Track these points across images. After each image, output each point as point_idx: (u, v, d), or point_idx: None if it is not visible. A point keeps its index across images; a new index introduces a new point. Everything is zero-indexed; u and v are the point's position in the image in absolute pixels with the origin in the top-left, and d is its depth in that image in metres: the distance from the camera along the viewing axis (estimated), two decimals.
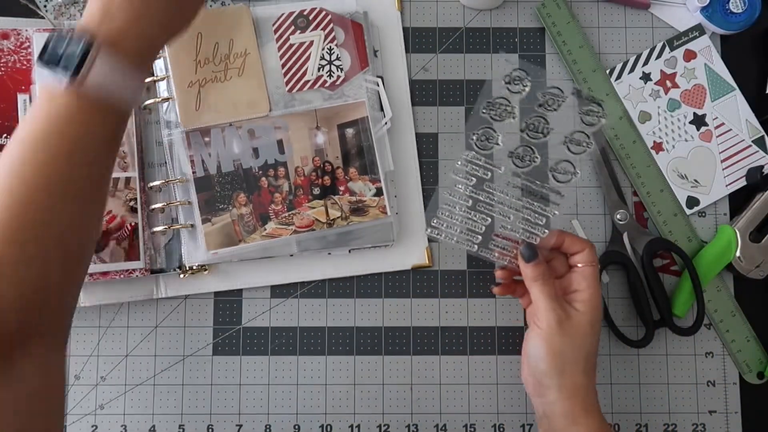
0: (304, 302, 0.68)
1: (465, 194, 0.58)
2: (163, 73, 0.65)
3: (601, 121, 0.59)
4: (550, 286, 0.57)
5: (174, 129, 0.65)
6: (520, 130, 0.59)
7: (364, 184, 0.65)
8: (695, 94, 0.69)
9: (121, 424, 0.66)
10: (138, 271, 0.64)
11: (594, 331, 0.56)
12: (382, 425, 0.66)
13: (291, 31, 0.67)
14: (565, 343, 0.55)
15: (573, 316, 0.56)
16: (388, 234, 0.66)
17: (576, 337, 0.55)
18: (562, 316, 0.56)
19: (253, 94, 0.65)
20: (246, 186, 0.64)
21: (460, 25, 0.71)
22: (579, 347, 0.55)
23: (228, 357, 0.67)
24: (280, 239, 0.64)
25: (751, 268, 0.66)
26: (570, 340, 0.55)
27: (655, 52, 0.70)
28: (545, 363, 0.55)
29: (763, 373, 0.66)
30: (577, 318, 0.56)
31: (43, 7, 0.69)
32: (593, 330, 0.56)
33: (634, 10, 0.71)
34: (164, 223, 0.66)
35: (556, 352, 0.55)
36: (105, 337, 0.67)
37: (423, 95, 0.70)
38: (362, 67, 0.67)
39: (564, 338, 0.55)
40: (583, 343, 0.56)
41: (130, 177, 0.65)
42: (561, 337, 0.55)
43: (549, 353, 0.55)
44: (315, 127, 0.65)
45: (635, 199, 0.69)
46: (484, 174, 0.59)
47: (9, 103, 0.64)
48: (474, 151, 0.59)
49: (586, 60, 0.69)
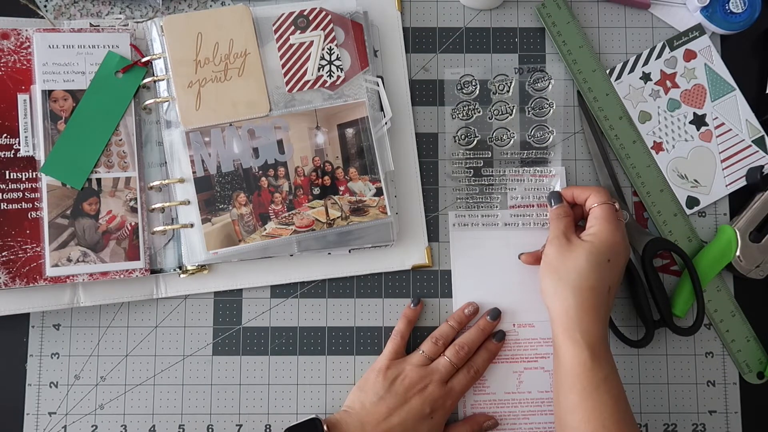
0: (304, 302, 0.68)
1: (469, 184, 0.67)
2: (163, 73, 0.65)
3: (550, 82, 0.68)
4: (563, 223, 0.62)
5: (174, 129, 0.65)
6: (488, 119, 0.68)
7: (364, 184, 0.65)
8: (695, 94, 0.69)
9: (121, 424, 0.66)
10: (138, 271, 0.64)
11: (592, 261, 0.58)
12: None
13: (291, 31, 0.66)
14: (560, 267, 0.60)
15: (574, 243, 0.60)
16: (388, 234, 0.66)
17: (569, 261, 0.59)
18: (563, 243, 0.61)
19: (253, 94, 0.65)
20: (246, 186, 0.64)
21: (460, 25, 0.71)
22: (572, 272, 0.59)
23: (228, 357, 0.67)
24: (280, 239, 0.64)
25: (751, 268, 0.66)
26: (564, 264, 0.60)
27: (655, 52, 0.70)
28: (542, 283, 0.61)
29: (763, 373, 0.66)
30: (577, 246, 0.60)
31: (43, 7, 0.69)
32: (591, 259, 0.59)
33: (634, 10, 0.71)
34: (164, 223, 0.66)
35: (551, 273, 0.60)
36: (105, 337, 0.67)
37: (423, 95, 0.70)
38: (362, 67, 0.67)
39: (559, 263, 0.60)
40: (577, 267, 0.59)
41: (130, 177, 0.65)
42: (557, 262, 0.60)
43: (544, 274, 0.61)
44: (315, 127, 0.65)
45: (635, 199, 0.69)
46: (477, 163, 0.68)
47: (9, 103, 0.64)
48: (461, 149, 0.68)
49: (586, 60, 0.69)
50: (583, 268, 0.59)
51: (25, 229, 0.63)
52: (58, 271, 0.62)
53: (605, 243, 0.59)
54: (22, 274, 0.62)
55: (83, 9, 0.69)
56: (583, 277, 0.58)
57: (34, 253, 0.62)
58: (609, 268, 0.59)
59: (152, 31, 0.66)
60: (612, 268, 0.59)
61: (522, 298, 0.67)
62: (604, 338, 0.58)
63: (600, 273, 0.59)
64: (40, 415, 0.65)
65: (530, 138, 0.68)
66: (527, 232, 0.68)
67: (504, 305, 0.67)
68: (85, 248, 0.63)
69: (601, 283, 0.59)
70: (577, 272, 0.59)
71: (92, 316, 0.67)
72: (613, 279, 0.60)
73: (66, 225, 0.63)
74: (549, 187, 0.68)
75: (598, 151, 0.68)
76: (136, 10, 0.70)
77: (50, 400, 0.66)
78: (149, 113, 0.67)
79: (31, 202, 0.63)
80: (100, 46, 0.65)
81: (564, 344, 0.58)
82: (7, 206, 0.63)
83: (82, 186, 0.64)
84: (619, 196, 0.68)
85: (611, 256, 0.59)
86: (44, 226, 0.63)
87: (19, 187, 0.63)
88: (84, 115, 0.64)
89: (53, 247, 0.63)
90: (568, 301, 0.58)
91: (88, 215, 0.64)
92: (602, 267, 0.59)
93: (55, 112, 0.64)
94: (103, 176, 0.64)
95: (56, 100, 0.64)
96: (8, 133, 0.64)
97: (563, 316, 0.59)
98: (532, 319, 0.67)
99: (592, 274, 0.58)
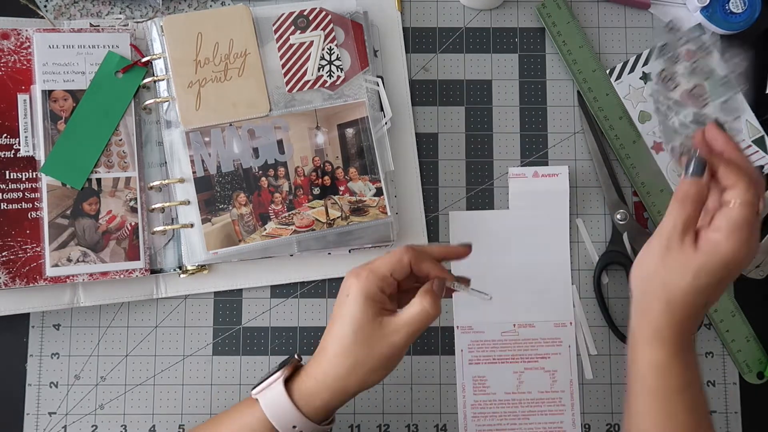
0: (304, 302, 0.68)
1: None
2: (163, 73, 0.65)
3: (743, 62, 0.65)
4: (686, 212, 0.49)
5: (174, 129, 0.65)
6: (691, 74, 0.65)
7: (364, 184, 0.65)
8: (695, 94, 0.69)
9: (121, 424, 0.66)
10: (138, 271, 0.64)
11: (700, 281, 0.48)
12: (382, 425, 0.66)
13: (291, 31, 0.67)
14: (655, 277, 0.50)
15: (686, 251, 0.48)
16: (388, 234, 0.66)
17: (671, 273, 0.49)
18: (673, 246, 0.49)
19: (253, 94, 0.65)
20: (246, 186, 0.64)
21: (460, 25, 0.71)
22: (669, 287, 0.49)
23: (228, 357, 0.67)
24: (280, 239, 0.64)
25: (751, 268, 0.66)
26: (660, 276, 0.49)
27: (655, 52, 0.70)
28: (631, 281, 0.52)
29: (763, 373, 0.66)
30: (689, 258, 0.48)
31: (43, 7, 0.69)
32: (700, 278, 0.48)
33: (634, 10, 0.71)
34: (164, 223, 0.66)
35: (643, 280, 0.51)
36: (105, 337, 0.67)
37: (423, 95, 0.70)
38: (362, 67, 0.67)
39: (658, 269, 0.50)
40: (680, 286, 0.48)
41: (130, 177, 0.65)
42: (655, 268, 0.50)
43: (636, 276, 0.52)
44: (315, 127, 0.65)
45: (635, 199, 0.69)
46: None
47: (9, 103, 0.64)
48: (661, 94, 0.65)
49: (586, 60, 0.69)
50: (687, 287, 0.48)
51: (25, 229, 0.63)
52: (58, 271, 0.62)
53: (724, 262, 0.47)
54: (22, 274, 0.62)
55: (83, 9, 0.69)
56: (680, 294, 0.49)
57: (34, 253, 0.62)
58: (714, 288, 0.49)
59: (152, 31, 0.66)
60: (718, 287, 0.49)
61: (522, 299, 0.67)
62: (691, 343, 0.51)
63: (703, 292, 0.49)
64: (40, 415, 0.65)
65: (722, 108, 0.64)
66: (528, 232, 0.68)
67: (504, 305, 0.67)
68: (85, 248, 0.63)
69: (700, 299, 0.49)
70: (676, 289, 0.49)
71: (92, 316, 0.67)
72: (718, 294, 0.50)
73: (66, 225, 0.63)
74: (550, 187, 0.67)
75: (598, 151, 0.68)
76: (136, 10, 0.70)
77: (50, 400, 0.66)
78: (149, 113, 0.67)
79: (31, 202, 0.63)
80: (100, 46, 0.65)
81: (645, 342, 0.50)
82: (7, 206, 0.63)
83: (82, 186, 0.64)
84: (619, 196, 0.68)
85: (725, 276, 0.48)
86: (44, 226, 0.63)
87: (19, 187, 0.63)
88: (84, 115, 0.64)
89: (53, 247, 0.63)
90: (654, 312, 0.50)
91: (88, 215, 0.64)
92: (709, 287, 0.48)
93: (55, 112, 0.64)
94: (103, 176, 0.64)
95: (56, 100, 0.64)
96: (8, 133, 0.64)
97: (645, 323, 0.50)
98: (532, 319, 0.67)
99: (694, 296, 0.49)
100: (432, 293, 0.52)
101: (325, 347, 0.53)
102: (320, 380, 0.52)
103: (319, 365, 0.52)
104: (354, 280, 0.52)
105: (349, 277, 0.53)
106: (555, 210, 0.68)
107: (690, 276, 0.48)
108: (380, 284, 0.52)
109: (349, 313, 0.51)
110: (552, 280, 0.68)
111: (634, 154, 0.68)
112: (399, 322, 0.51)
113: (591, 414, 0.66)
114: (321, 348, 0.53)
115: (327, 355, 0.52)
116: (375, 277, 0.52)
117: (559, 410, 0.66)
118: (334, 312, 0.53)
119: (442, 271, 0.54)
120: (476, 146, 0.69)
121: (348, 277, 0.53)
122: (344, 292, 0.53)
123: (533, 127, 0.70)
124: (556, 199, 0.68)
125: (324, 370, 0.52)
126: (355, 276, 0.52)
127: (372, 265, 0.53)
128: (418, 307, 0.51)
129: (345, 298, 0.52)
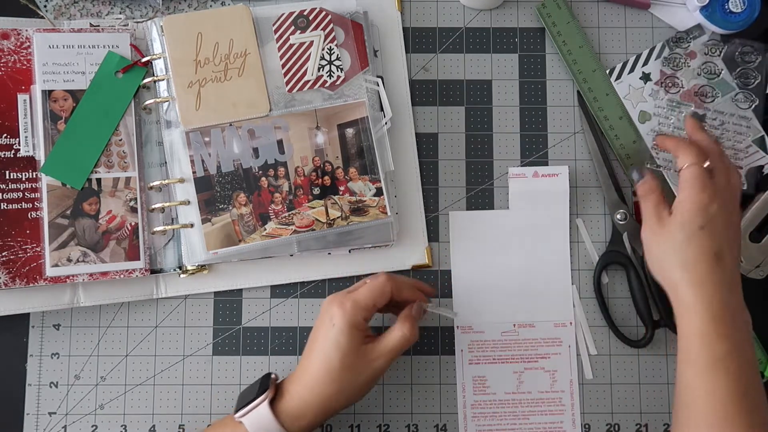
0: (304, 302, 0.68)
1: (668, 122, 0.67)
2: (163, 73, 0.65)
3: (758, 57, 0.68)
4: (650, 201, 0.60)
5: (174, 129, 0.65)
6: (696, 75, 0.69)
7: (364, 184, 0.65)
8: (699, 91, 0.69)
9: (121, 424, 0.66)
10: (138, 271, 0.64)
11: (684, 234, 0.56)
12: (382, 425, 0.66)
13: (291, 31, 0.67)
14: (657, 251, 0.58)
15: (665, 221, 0.58)
16: (388, 234, 0.66)
17: (664, 243, 0.57)
18: (655, 224, 0.58)
19: (253, 94, 0.65)
20: (246, 186, 0.64)
21: (460, 25, 0.71)
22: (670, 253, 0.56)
23: (228, 357, 0.67)
24: (280, 239, 0.64)
25: (751, 268, 0.66)
26: (660, 247, 0.58)
27: (655, 52, 0.70)
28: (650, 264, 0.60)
29: (763, 373, 0.66)
30: (668, 223, 0.57)
31: (43, 7, 0.69)
32: (683, 232, 0.56)
33: (634, 10, 0.71)
34: (164, 223, 0.66)
35: (652, 260, 0.59)
36: (105, 337, 0.67)
37: (423, 95, 0.70)
38: (362, 67, 0.67)
39: (656, 246, 0.58)
40: (674, 247, 0.56)
41: (130, 177, 0.65)
42: (654, 246, 0.58)
43: (648, 259, 0.60)
44: (315, 127, 0.65)
45: (635, 199, 0.69)
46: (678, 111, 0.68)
47: (9, 103, 0.64)
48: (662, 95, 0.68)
49: (586, 60, 0.69)
50: (678, 245, 0.56)
51: (25, 229, 0.63)
52: (58, 271, 0.62)
53: (691, 211, 0.56)
54: (22, 274, 0.62)
55: (83, 9, 0.69)
56: (682, 253, 0.56)
57: (34, 253, 0.62)
58: (706, 235, 0.55)
59: (152, 31, 0.66)
60: (710, 234, 0.55)
61: (522, 299, 0.67)
62: (728, 308, 0.55)
63: (697, 243, 0.55)
64: (40, 415, 0.65)
65: (733, 101, 0.68)
66: (528, 232, 0.68)
67: (504, 305, 0.67)
68: (85, 248, 0.63)
69: (702, 252, 0.55)
70: (674, 251, 0.56)
71: (92, 316, 0.67)
72: (720, 244, 0.56)
73: (66, 225, 0.63)
74: (550, 187, 0.68)
75: (598, 151, 0.68)
76: (136, 10, 0.70)
77: (50, 400, 0.66)
78: (149, 113, 0.67)
79: (31, 202, 0.63)
80: (100, 46, 0.65)
81: (681, 316, 0.56)
82: (7, 206, 0.63)
83: (82, 186, 0.64)
84: (619, 196, 0.68)
85: (704, 223, 0.55)
86: (44, 226, 0.63)
87: (19, 187, 0.63)
88: (84, 115, 0.64)
89: (53, 247, 0.63)
90: (675, 279, 0.56)
91: (88, 215, 0.64)
92: (697, 236, 0.55)
93: (55, 112, 0.64)
94: (103, 176, 0.64)
95: (56, 100, 0.64)
96: (8, 133, 0.64)
97: (674, 292, 0.57)
98: (532, 319, 0.67)
99: (690, 248, 0.56)
100: (411, 319, 0.57)
101: (309, 369, 0.55)
102: (307, 401, 0.55)
103: (304, 387, 0.55)
104: (339, 311, 0.55)
105: (332, 305, 0.56)
106: (555, 210, 0.68)
107: (675, 235, 0.56)
108: (365, 314, 0.56)
109: (336, 342, 0.54)
110: (552, 280, 0.68)
111: (634, 154, 0.68)
112: (382, 349, 0.56)
113: (591, 414, 0.66)
114: (304, 369, 0.56)
115: (312, 377, 0.55)
116: (360, 308, 0.55)
117: (559, 410, 0.66)
118: (316, 336, 0.56)
119: (420, 296, 0.60)
120: (476, 146, 0.70)
121: (331, 305, 0.56)
122: (329, 320, 0.55)
123: (533, 127, 0.70)
124: (556, 199, 0.68)
125: (310, 392, 0.55)
126: (339, 306, 0.55)
127: (356, 296, 0.56)
128: (399, 333, 0.56)
129: (330, 327, 0.55)
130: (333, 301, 0.56)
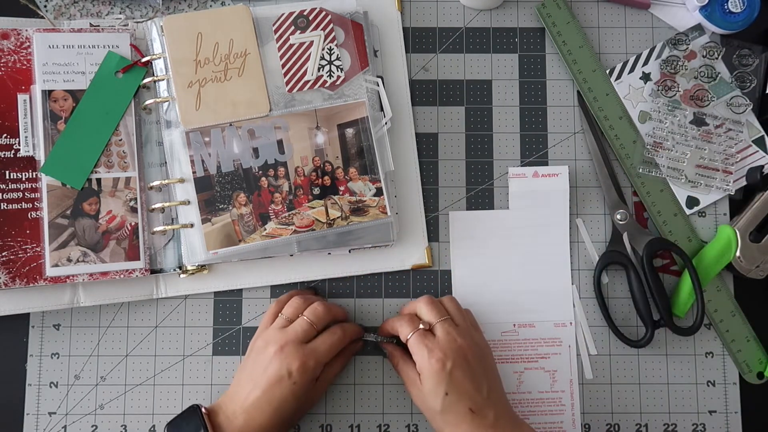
0: None
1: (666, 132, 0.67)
2: (163, 73, 0.65)
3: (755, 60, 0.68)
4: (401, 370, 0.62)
5: (174, 129, 0.65)
6: (694, 77, 0.69)
7: (364, 184, 0.65)
8: (695, 94, 0.69)
9: (121, 424, 0.66)
10: (138, 271, 0.64)
11: (438, 401, 0.57)
12: (382, 425, 0.66)
13: (291, 31, 0.67)
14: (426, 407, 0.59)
15: (419, 386, 0.59)
16: (388, 234, 0.66)
17: (428, 407, 0.58)
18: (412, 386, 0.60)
19: (253, 94, 0.65)
20: (246, 186, 0.64)
21: (460, 25, 0.71)
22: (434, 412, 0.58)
23: (228, 357, 0.67)
24: (280, 239, 0.64)
25: (751, 268, 0.66)
26: (425, 405, 0.59)
27: (655, 52, 0.70)
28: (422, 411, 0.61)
29: (763, 373, 0.66)
30: (421, 388, 0.59)
31: (43, 7, 0.69)
32: (437, 399, 0.57)
33: (634, 10, 0.71)
34: (164, 223, 0.66)
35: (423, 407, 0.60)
36: (105, 337, 0.67)
37: (423, 95, 0.70)
38: (362, 67, 0.67)
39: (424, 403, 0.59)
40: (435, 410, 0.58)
41: (130, 177, 0.65)
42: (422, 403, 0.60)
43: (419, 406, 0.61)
44: (315, 127, 0.65)
45: (635, 199, 0.69)
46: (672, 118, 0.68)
47: (9, 103, 0.64)
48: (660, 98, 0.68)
49: (586, 60, 0.69)
50: (437, 412, 0.57)
51: (25, 229, 0.63)
52: (58, 271, 0.62)
53: (431, 379, 0.57)
54: (22, 274, 0.62)
55: (83, 9, 0.69)
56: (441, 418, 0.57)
57: (34, 253, 0.62)
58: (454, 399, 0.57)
59: (152, 31, 0.66)
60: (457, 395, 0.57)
61: (522, 299, 0.67)
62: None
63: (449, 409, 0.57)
64: (40, 415, 0.65)
65: (728, 105, 0.68)
66: (528, 232, 0.68)
67: (504, 305, 0.67)
68: (85, 248, 0.63)
69: (457, 413, 0.57)
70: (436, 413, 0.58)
71: (92, 316, 0.67)
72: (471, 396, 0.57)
73: (66, 225, 0.63)
74: (550, 187, 0.68)
75: (598, 151, 0.68)
76: (136, 10, 0.70)
77: (50, 400, 0.66)
78: (149, 113, 0.67)
79: (31, 202, 0.63)
80: (100, 46, 0.65)
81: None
82: (7, 206, 0.63)
83: (82, 186, 0.64)
84: (619, 196, 0.68)
85: (447, 388, 0.57)
86: (44, 226, 0.63)
87: (19, 187, 0.63)
88: (84, 115, 0.65)
89: (53, 247, 0.63)
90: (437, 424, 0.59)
91: (88, 215, 0.64)
92: (447, 402, 0.57)
93: (55, 112, 0.64)
94: (103, 176, 0.64)
95: (56, 100, 0.64)
96: (8, 133, 0.64)
97: None
98: (532, 319, 0.67)
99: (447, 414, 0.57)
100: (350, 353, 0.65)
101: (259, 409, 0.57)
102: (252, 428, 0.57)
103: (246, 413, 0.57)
104: (301, 368, 0.58)
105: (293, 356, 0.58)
106: (555, 210, 0.68)
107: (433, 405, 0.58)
108: (323, 366, 0.60)
109: (294, 395, 0.58)
110: (552, 280, 0.68)
111: (634, 154, 0.68)
112: (327, 379, 0.62)
113: (591, 414, 0.66)
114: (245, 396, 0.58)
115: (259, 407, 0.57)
116: (321, 364, 0.60)
117: (559, 410, 0.66)
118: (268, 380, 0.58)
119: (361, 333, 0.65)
120: (476, 146, 0.70)
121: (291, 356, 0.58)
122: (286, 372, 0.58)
123: (533, 127, 0.70)
124: (556, 199, 0.68)
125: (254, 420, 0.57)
126: (302, 364, 0.58)
127: (318, 355, 0.59)
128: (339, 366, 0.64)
129: (286, 377, 0.57)
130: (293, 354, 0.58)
